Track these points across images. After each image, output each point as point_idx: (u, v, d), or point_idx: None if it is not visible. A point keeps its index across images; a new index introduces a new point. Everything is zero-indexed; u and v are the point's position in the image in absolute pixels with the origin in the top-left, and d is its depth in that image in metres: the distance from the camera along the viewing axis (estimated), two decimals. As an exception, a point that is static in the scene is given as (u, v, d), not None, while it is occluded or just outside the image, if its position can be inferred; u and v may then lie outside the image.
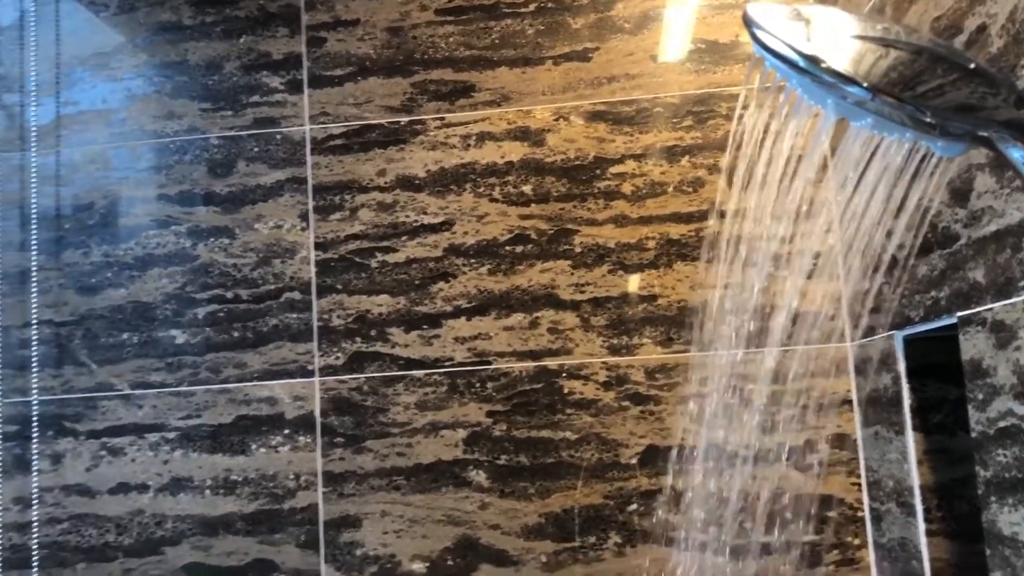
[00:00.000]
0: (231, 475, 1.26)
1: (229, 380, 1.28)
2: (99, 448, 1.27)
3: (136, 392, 1.28)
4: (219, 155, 1.32)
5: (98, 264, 1.31)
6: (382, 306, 1.28)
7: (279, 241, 1.30)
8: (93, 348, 1.29)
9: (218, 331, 1.29)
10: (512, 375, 1.24)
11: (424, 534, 1.23)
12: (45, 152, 1.34)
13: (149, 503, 1.26)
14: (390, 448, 1.25)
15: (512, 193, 1.28)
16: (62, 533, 1.26)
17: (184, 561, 1.24)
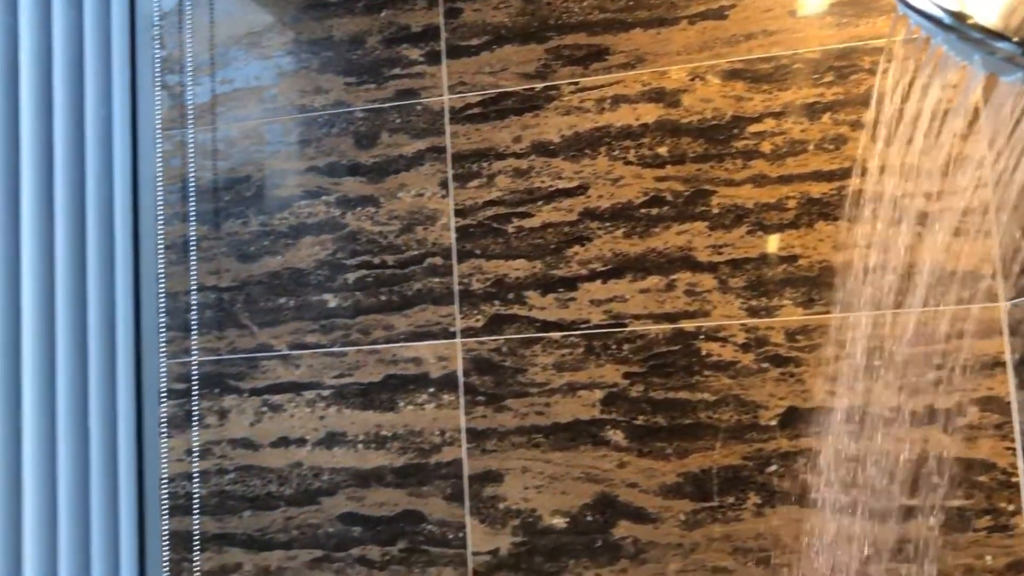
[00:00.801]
0: (381, 431, 1.33)
1: (378, 341, 1.34)
2: (261, 404, 1.37)
3: (293, 352, 1.36)
4: (363, 127, 1.38)
5: (255, 233, 1.40)
6: (519, 270, 1.31)
7: (421, 209, 1.35)
8: (253, 311, 1.38)
9: (367, 295, 1.36)
10: (648, 337, 1.26)
11: (563, 490, 1.26)
12: (204, 129, 1.43)
13: (307, 456, 1.34)
14: (529, 407, 1.29)
15: (647, 155, 1.28)
16: (229, 483, 1.36)
17: (340, 511, 1.32)
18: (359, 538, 1.31)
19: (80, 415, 1.45)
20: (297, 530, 1.33)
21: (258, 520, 1.34)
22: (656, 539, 1.23)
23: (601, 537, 1.25)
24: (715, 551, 1.21)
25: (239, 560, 1.34)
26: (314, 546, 1.32)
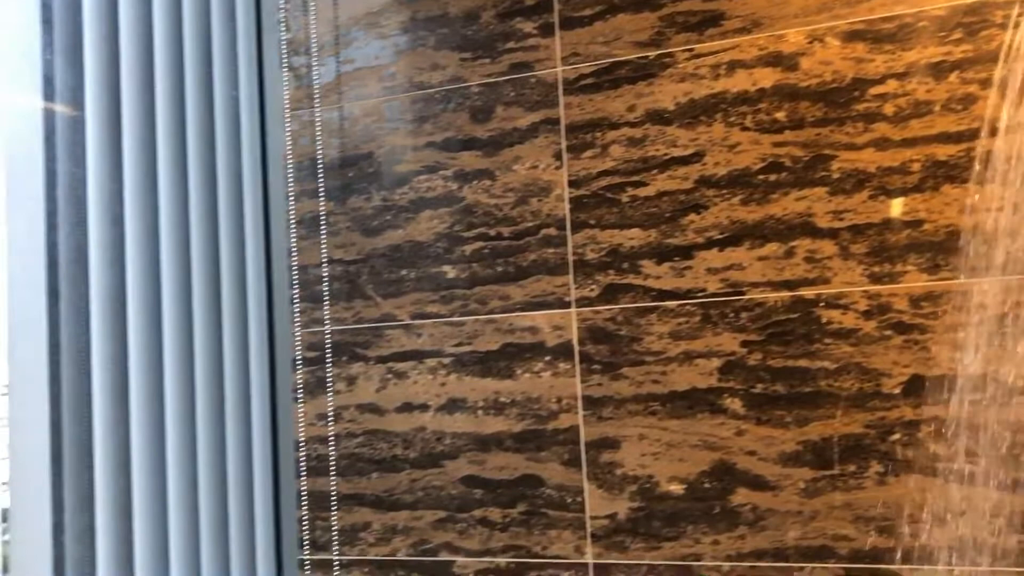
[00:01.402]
0: (500, 397, 1.37)
1: (495, 311, 1.38)
2: (386, 372, 1.42)
3: (415, 322, 1.42)
4: (479, 102, 1.41)
5: (378, 208, 1.45)
6: (633, 239, 1.32)
7: (535, 180, 1.37)
8: (377, 283, 1.44)
9: (483, 266, 1.39)
10: (767, 305, 1.25)
11: (681, 457, 1.28)
12: (329, 108, 1.49)
13: (430, 421, 1.40)
14: (645, 376, 1.30)
15: (764, 121, 1.27)
16: (358, 446, 1.43)
17: (462, 474, 1.37)
18: (480, 500, 1.36)
19: (216, 383, 1.54)
20: (422, 491, 1.38)
21: (385, 481, 1.40)
22: (775, 507, 1.23)
23: (719, 504, 1.25)
24: (836, 519, 1.20)
25: (368, 520, 1.40)
26: (438, 507, 1.38)
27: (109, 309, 1.51)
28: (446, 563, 1.36)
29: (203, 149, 1.58)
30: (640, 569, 1.28)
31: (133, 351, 1.50)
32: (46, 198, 1.55)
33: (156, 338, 1.52)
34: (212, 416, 1.53)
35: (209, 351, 1.54)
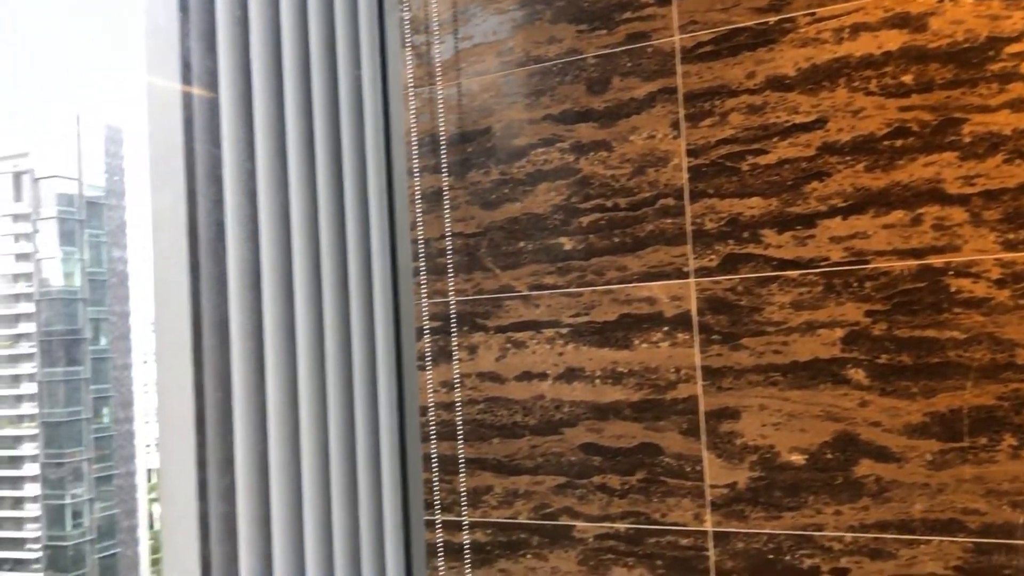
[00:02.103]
0: (617, 367, 1.39)
1: (612, 282, 1.40)
2: (505, 341, 1.46)
3: (533, 293, 1.45)
4: (595, 73, 1.42)
5: (496, 181, 1.48)
6: (754, 208, 1.31)
7: (653, 151, 1.38)
8: (496, 255, 1.47)
9: (600, 237, 1.41)
10: (893, 274, 1.22)
11: (802, 428, 1.27)
12: (448, 84, 1.53)
13: (548, 389, 1.43)
14: (766, 346, 1.30)
15: (890, 84, 1.23)
16: (479, 412, 1.47)
17: (580, 441, 1.40)
18: (599, 467, 1.38)
19: (344, 351, 1.62)
20: (542, 457, 1.42)
21: (506, 447, 1.45)
22: (900, 478, 1.21)
23: (842, 475, 1.24)
24: (965, 492, 1.18)
25: (490, 483, 1.45)
26: (558, 473, 1.41)
27: (245, 282, 1.60)
28: (566, 527, 1.40)
29: (329, 128, 1.64)
30: (760, 538, 1.28)
31: (268, 322, 1.58)
32: (186, 177, 1.65)
33: (288, 309, 1.60)
34: (341, 382, 1.60)
35: (338, 321, 1.61)
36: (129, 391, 49.72)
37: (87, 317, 47.26)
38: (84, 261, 47.90)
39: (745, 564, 1.29)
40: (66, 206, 47.96)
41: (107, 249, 49.52)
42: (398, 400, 1.60)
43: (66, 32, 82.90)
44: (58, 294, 47.20)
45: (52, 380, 45.91)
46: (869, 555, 1.22)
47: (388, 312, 1.63)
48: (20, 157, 48.74)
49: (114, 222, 50.49)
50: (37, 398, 45.80)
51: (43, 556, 44.21)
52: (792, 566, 1.26)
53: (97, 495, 45.70)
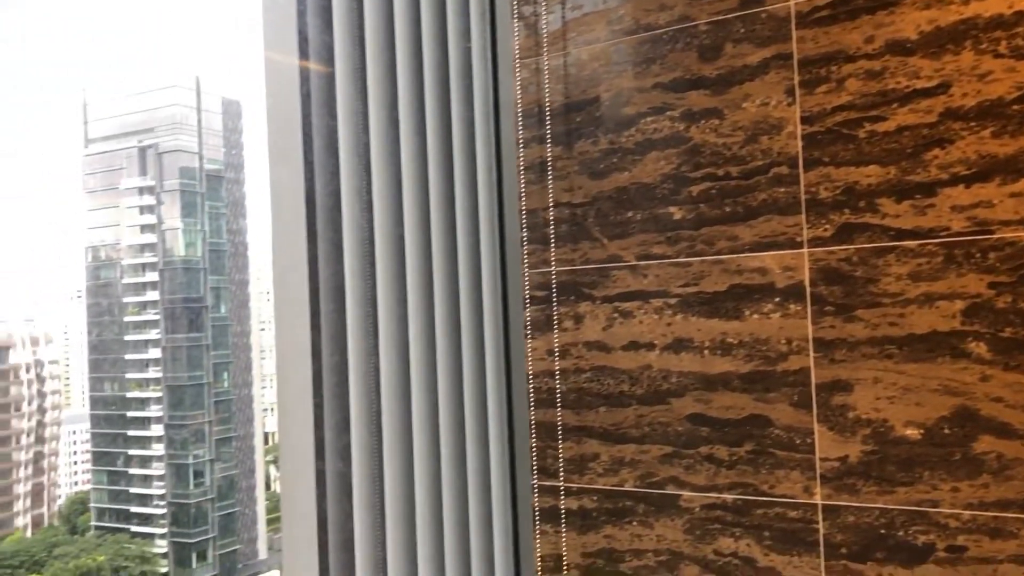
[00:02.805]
0: (727, 338, 1.38)
1: (722, 252, 1.38)
2: (612, 311, 1.47)
3: (641, 263, 1.45)
4: (707, 40, 1.40)
5: (604, 151, 1.48)
6: (871, 177, 1.27)
7: (766, 118, 1.35)
8: (604, 225, 1.48)
9: (711, 207, 1.39)
10: (1019, 245, 1.17)
11: (918, 402, 1.24)
12: (556, 55, 1.53)
13: (656, 359, 1.43)
14: (881, 318, 1.26)
15: (1022, 46, 1.18)
16: (586, 381, 1.49)
17: (688, 412, 1.40)
18: (707, 438, 1.38)
19: (453, 317, 1.65)
20: (648, 427, 1.43)
21: (612, 416, 1.46)
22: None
23: (960, 451, 1.21)
24: (1095, 473, 1.13)
25: (596, 451, 1.47)
26: (664, 442, 1.41)
27: (360, 251, 1.65)
28: (672, 496, 1.40)
29: (439, 99, 1.67)
30: (872, 512, 1.26)
31: (380, 288, 1.63)
32: (304, 149, 1.71)
33: (400, 276, 1.65)
34: (450, 348, 1.64)
35: (446, 288, 1.65)
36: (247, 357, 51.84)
37: (208, 286, 49.41)
38: (205, 232, 50.00)
39: (855, 538, 1.27)
40: (188, 179, 50.09)
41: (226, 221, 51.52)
42: (505, 367, 1.63)
43: (185, 9, 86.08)
44: (181, 264, 49.46)
45: (176, 346, 48.26)
46: (988, 534, 1.19)
47: (496, 281, 1.66)
48: (145, 132, 51.08)
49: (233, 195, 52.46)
50: (162, 363, 48.27)
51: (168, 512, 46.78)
52: (905, 542, 1.24)
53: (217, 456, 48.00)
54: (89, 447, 52.02)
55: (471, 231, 1.67)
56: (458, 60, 1.69)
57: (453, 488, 1.62)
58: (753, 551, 1.34)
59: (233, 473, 48.63)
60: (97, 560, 39.74)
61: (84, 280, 52.98)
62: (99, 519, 48.47)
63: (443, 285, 1.64)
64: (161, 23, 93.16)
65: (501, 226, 1.64)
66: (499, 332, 1.64)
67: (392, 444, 1.60)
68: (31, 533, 46.76)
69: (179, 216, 49.61)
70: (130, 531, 46.25)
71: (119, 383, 49.51)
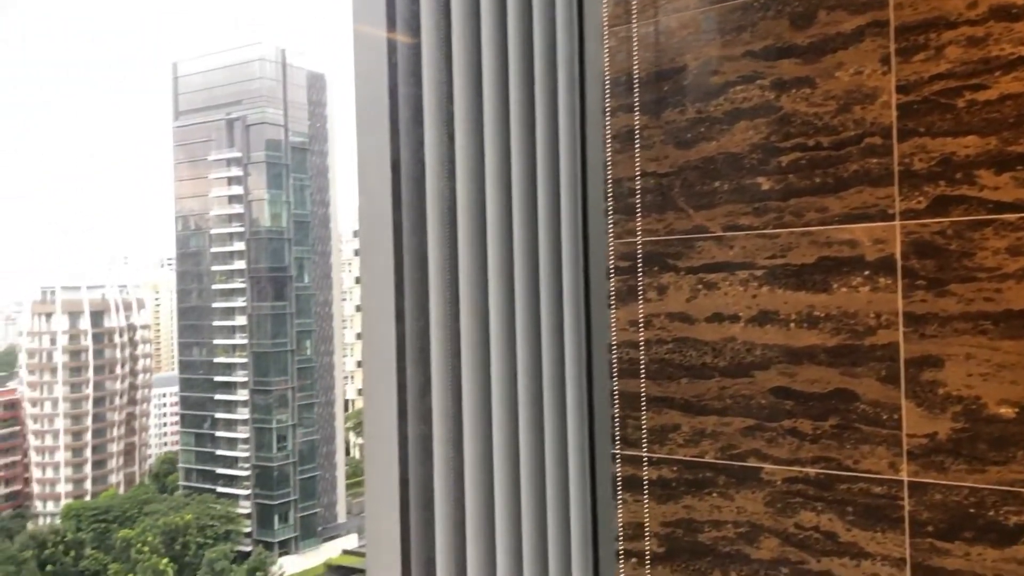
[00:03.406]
0: (814, 311, 1.36)
1: (811, 223, 1.36)
2: (696, 282, 1.46)
3: (727, 234, 1.43)
4: (800, 7, 1.37)
5: (692, 120, 1.47)
6: (969, 148, 1.23)
7: (859, 87, 1.32)
8: (689, 195, 1.47)
9: (800, 177, 1.37)
10: None
11: (1013, 380, 1.20)
12: (645, 23, 1.52)
13: (740, 331, 1.42)
14: (976, 293, 1.23)
15: None
16: (667, 352, 1.49)
17: (771, 384, 1.39)
18: (790, 411, 1.37)
19: (532, 286, 1.67)
20: (731, 399, 1.42)
21: (694, 387, 1.45)
22: (1126, 439, 1.13)
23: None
24: None
25: (677, 422, 1.47)
26: (747, 415, 1.40)
27: (443, 219, 1.67)
28: (754, 469, 1.40)
29: (523, 69, 1.67)
30: (960, 491, 1.23)
31: (462, 255, 1.65)
32: (391, 119, 1.73)
33: (481, 244, 1.67)
34: (529, 317, 1.66)
35: (527, 257, 1.66)
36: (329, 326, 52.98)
37: (292, 256, 50.56)
38: (290, 203, 51.10)
39: (943, 516, 1.25)
40: (273, 151, 51.18)
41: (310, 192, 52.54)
42: (586, 337, 1.64)
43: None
44: (266, 234, 50.69)
45: (261, 313, 49.61)
46: (1084, 518, 1.15)
47: (577, 251, 1.66)
48: (233, 105, 52.31)
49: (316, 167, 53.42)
50: (248, 330, 49.69)
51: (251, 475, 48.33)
52: (995, 522, 1.21)
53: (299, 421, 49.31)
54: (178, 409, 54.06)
55: (553, 201, 1.67)
56: (543, 29, 1.69)
57: (531, 455, 1.64)
58: (835, 526, 1.33)
59: (314, 438, 49.94)
60: (185, 518, 41.37)
61: (174, 248, 54.81)
62: (186, 479, 50.41)
63: (523, 254, 1.65)
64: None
65: (584, 196, 1.64)
66: (580, 302, 1.65)
67: (471, 408, 1.62)
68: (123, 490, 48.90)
69: (265, 187, 50.78)
70: (216, 491, 47.99)
71: (207, 348, 51.21)
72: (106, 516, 42.19)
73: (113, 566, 39.00)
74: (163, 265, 72.31)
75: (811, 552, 1.35)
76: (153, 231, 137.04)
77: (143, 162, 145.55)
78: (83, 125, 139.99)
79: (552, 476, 1.64)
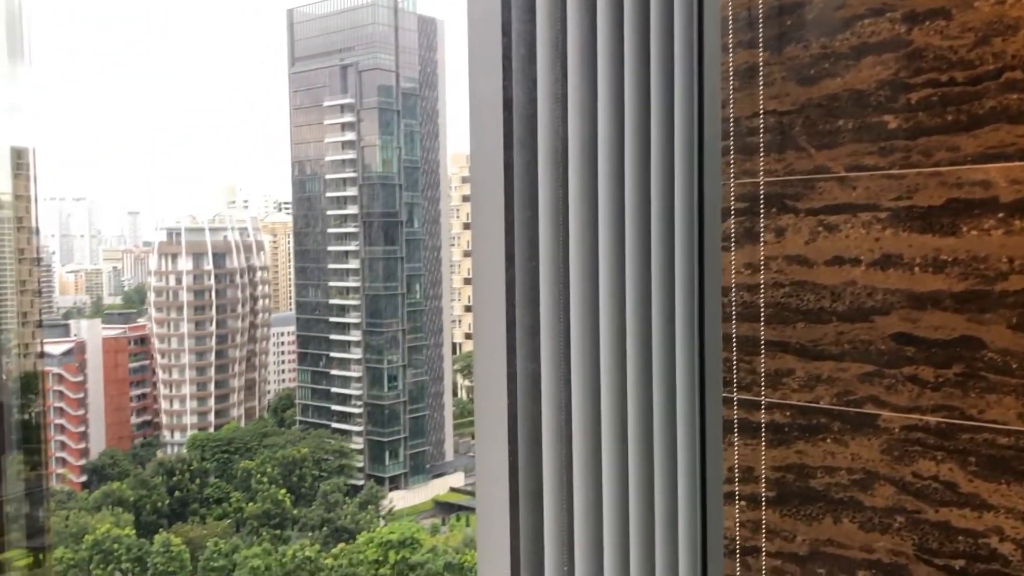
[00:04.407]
0: (940, 255, 1.30)
1: (941, 163, 1.30)
2: (816, 224, 1.42)
3: (850, 174, 1.38)
4: (938, -69, 1.29)
5: (816, 56, 1.41)
6: (1123, 81, 1.15)
7: (1001, 18, 1.24)
8: (811, 134, 1.42)
9: (930, 115, 1.30)
10: None
11: None
12: (768, -47, 1.46)
13: (861, 275, 1.37)
14: (1123, 238, 1.15)
15: None
16: (784, 296, 1.45)
17: (892, 330, 1.34)
18: (912, 358, 1.32)
19: (643, 228, 1.65)
20: (848, 344, 1.38)
21: (810, 332, 1.42)
22: None
23: None
24: None
25: (792, 367, 1.44)
26: (865, 361, 1.36)
27: (554, 158, 1.67)
28: (871, 416, 1.36)
29: (639, 4, 1.64)
30: (1096, 446, 1.18)
31: (572, 195, 1.65)
32: (503, 56, 1.73)
33: (591, 183, 1.66)
34: (639, 257, 1.65)
35: (638, 195, 1.65)
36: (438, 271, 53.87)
37: (403, 202, 51.41)
38: (400, 149, 51.81)
39: (1074, 472, 1.19)
40: (385, 97, 51.82)
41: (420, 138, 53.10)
42: (698, 280, 1.62)
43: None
44: (378, 179, 51.60)
45: (373, 257, 50.82)
46: None
47: (692, 191, 1.63)
48: (346, 51, 53.07)
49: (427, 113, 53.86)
50: (360, 273, 51.00)
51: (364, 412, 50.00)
52: None
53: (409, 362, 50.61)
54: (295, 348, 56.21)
55: (666, 139, 1.64)
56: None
57: (639, 395, 1.64)
58: (956, 476, 1.29)
59: (423, 379, 51.22)
60: (301, 452, 43.25)
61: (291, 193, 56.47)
62: (303, 415, 52.59)
63: (635, 193, 1.64)
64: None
65: (700, 135, 1.61)
66: (693, 244, 1.62)
67: (579, 348, 1.64)
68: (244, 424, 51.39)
69: (377, 133, 51.58)
70: (330, 427, 49.93)
71: (322, 290, 52.89)
72: (228, 447, 44.51)
73: (235, 494, 41.24)
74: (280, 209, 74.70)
75: (928, 502, 1.31)
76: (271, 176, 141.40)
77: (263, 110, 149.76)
78: (206, 71, 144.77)
79: (660, 417, 1.64)
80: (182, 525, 38.57)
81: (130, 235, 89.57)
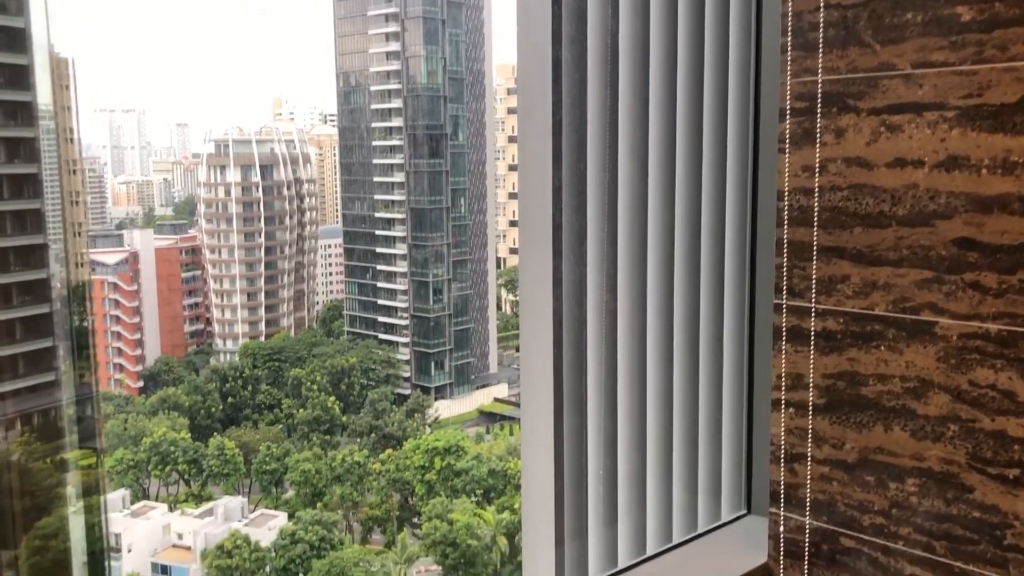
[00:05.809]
0: (1011, 156, 1.23)
1: (1017, 58, 1.22)
2: (878, 124, 1.35)
3: (917, 71, 1.31)
4: None
5: (886, -58, 1.32)
6: None
7: None
8: (877, 29, 1.34)
9: (1007, 6, 1.22)
10: None
11: None
12: None
13: (923, 178, 1.31)
14: None
15: None
16: (841, 200, 1.40)
17: (955, 235, 1.29)
18: (974, 264, 1.27)
19: (694, 128, 1.59)
20: (907, 249, 1.33)
21: (868, 237, 1.37)
22: None
23: None
24: None
25: (847, 272, 1.40)
26: (924, 267, 1.32)
27: (603, 52, 1.61)
28: (928, 323, 1.32)
29: None
30: None
31: (622, 90, 1.59)
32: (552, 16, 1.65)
33: (643, 78, 1.60)
34: (690, 158, 1.59)
35: (690, 93, 1.58)
36: (483, 185, 53.64)
37: (448, 114, 50.94)
38: (445, 60, 51.06)
39: None
40: (430, 6, 50.84)
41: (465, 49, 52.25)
42: (752, 182, 1.57)
43: None
44: (423, 91, 51.06)
45: (418, 171, 50.70)
46: None
47: (747, 90, 1.57)
48: (392, -42, 51.91)
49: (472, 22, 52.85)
50: (405, 186, 50.99)
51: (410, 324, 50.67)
52: None
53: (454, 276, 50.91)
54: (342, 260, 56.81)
55: (721, 35, 1.57)
56: None
57: (685, 300, 1.61)
58: (1015, 385, 1.25)
59: (468, 293, 51.57)
60: (349, 361, 44.11)
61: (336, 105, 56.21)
62: (351, 325, 53.45)
63: (687, 91, 1.58)
64: None
65: (758, 31, 1.54)
66: (747, 145, 1.57)
67: (626, 252, 1.60)
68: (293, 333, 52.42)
69: (421, 43, 50.80)
70: (377, 338, 50.73)
71: (367, 203, 53.07)
72: (279, 356, 45.54)
73: (286, 401, 42.39)
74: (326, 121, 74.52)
75: (985, 410, 1.28)
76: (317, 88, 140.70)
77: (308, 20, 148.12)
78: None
79: (706, 323, 1.61)
80: (235, 429, 39.84)
81: (179, 146, 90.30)
